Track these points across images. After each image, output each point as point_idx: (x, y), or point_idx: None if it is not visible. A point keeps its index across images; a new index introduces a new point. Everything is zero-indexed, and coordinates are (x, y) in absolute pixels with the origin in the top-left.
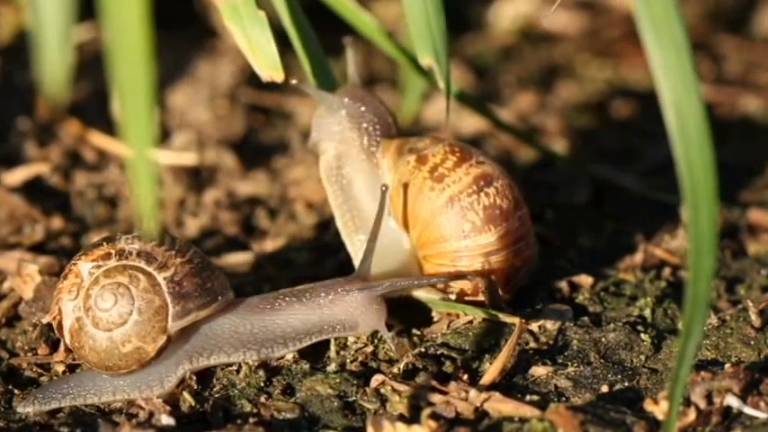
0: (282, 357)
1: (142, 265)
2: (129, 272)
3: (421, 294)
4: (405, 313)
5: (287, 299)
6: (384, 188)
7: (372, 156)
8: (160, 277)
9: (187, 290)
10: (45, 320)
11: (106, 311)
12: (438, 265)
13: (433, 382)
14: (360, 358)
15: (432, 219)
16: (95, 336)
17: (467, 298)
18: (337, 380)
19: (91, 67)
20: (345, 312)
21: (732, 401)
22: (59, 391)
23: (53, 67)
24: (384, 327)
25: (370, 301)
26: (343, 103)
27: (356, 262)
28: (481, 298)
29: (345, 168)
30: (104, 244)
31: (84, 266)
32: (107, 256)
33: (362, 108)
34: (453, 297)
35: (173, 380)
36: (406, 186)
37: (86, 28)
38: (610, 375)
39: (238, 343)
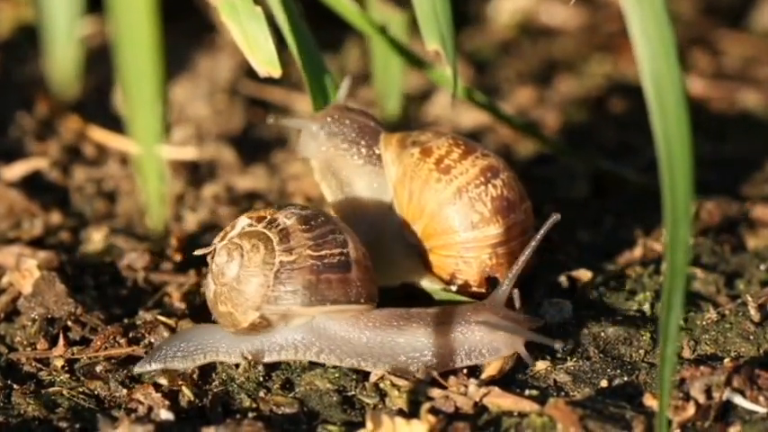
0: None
1: (273, 240)
2: (255, 240)
3: (424, 284)
4: (405, 304)
5: (413, 319)
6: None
7: (369, 157)
8: (277, 259)
9: (294, 281)
10: (197, 253)
11: (217, 266)
12: (445, 257)
13: (434, 375)
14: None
15: (439, 210)
16: (208, 285)
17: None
18: (336, 375)
19: (90, 61)
20: (467, 341)
21: (731, 396)
22: (177, 348)
23: (61, 60)
24: (524, 348)
25: (493, 335)
26: (321, 127)
27: None
28: (482, 290)
29: (342, 173)
30: (272, 208)
31: (242, 220)
32: (260, 219)
33: (341, 128)
34: (455, 288)
35: (269, 359)
36: (410, 178)
37: (86, 22)
38: (609, 370)
39: (352, 351)
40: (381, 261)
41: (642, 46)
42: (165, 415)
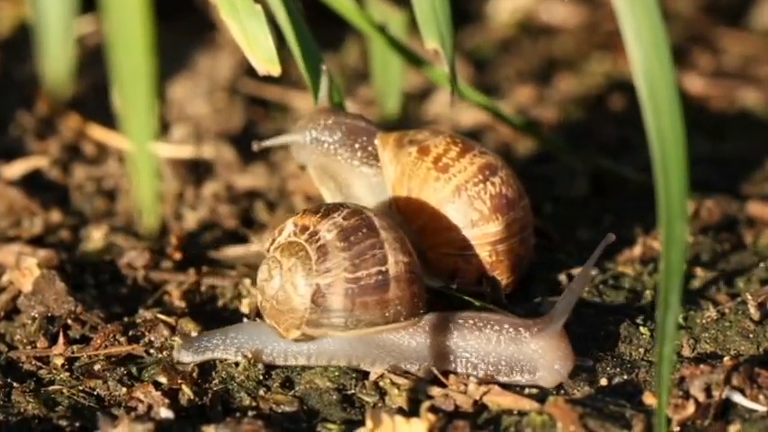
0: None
1: (312, 258)
2: (294, 258)
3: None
4: None
5: (468, 322)
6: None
7: (365, 158)
8: (314, 281)
9: (330, 306)
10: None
11: (259, 281)
12: (444, 255)
13: (435, 371)
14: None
15: (438, 208)
16: (256, 295)
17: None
18: (336, 373)
19: (90, 60)
20: (524, 353)
21: (731, 394)
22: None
23: (55, 60)
24: (567, 377)
25: (553, 344)
26: (306, 137)
27: None
28: (482, 289)
29: (340, 175)
30: (320, 212)
31: (289, 226)
32: (304, 229)
33: (327, 133)
34: (455, 286)
35: (317, 363)
36: (408, 177)
37: (85, 21)
38: (609, 368)
39: (401, 357)
40: None
41: (635, 45)
42: (165, 413)
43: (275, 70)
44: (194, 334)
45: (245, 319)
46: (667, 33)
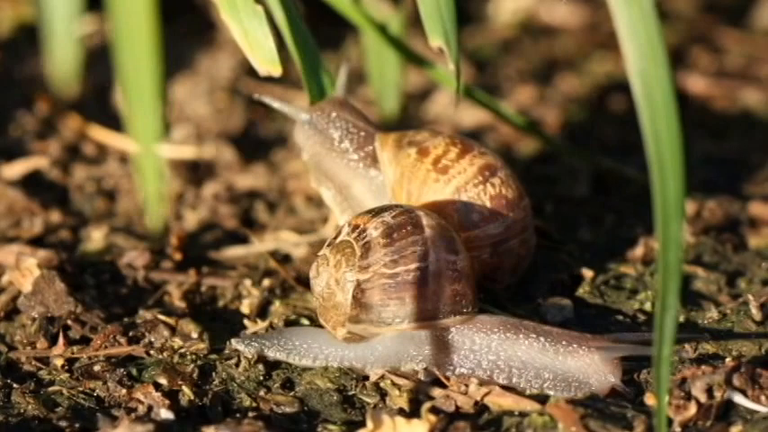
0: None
1: (356, 254)
2: (340, 255)
3: None
4: None
5: (524, 331)
6: None
7: (363, 159)
8: (355, 277)
9: (367, 301)
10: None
11: (310, 279)
12: None
13: (435, 372)
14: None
15: (438, 210)
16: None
17: None
18: (336, 374)
19: (90, 60)
20: (578, 368)
21: (732, 395)
22: (278, 341)
23: (61, 60)
24: (619, 381)
25: (606, 363)
26: (309, 119)
27: None
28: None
29: (339, 176)
30: (368, 215)
31: (345, 226)
32: (355, 227)
33: (327, 123)
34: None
35: (368, 370)
36: (408, 179)
37: (86, 21)
38: None
39: (453, 356)
40: None
41: (629, 45)
42: (165, 414)
43: (276, 71)
44: (195, 335)
45: (278, 323)
46: (662, 33)
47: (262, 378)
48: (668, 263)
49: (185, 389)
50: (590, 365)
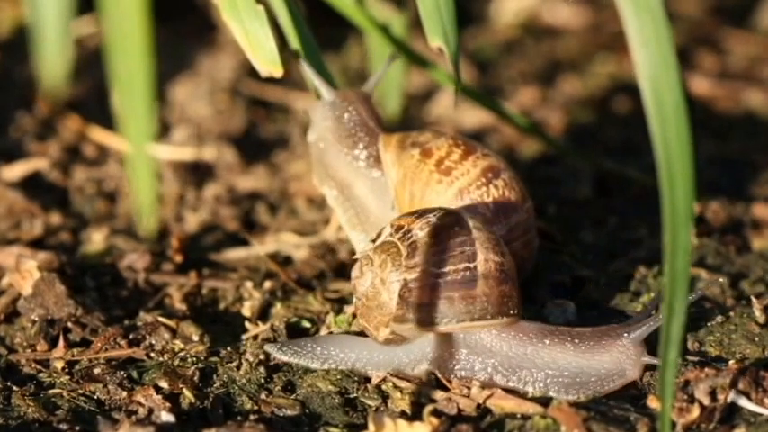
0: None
1: (402, 254)
2: (385, 255)
3: None
4: None
5: (560, 336)
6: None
7: (367, 159)
8: (402, 276)
9: (415, 300)
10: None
11: (352, 279)
12: None
13: (437, 374)
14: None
15: None
16: (353, 293)
17: None
18: (338, 376)
19: (91, 61)
20: (613, 361)
21: (736, 398)
22: (313, 349)
23: (52, 61)
24: (648, 356)
25: (636, 346)
26: (333, 99)
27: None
28: None
29: (340, 174)
30: (412, 216)
31: (387, 227)
32: (399, 228)
33: (342, 112)
34: None
35: (407, 372)
36: (411, 180)
37: (86, 22)
38: None
39: (492, 361)
40: None
41: (640, 52)
42: (166, 417)
43: (278, 72)
44: (195, 338)
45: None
46: (673, 39)
47: (263, 381)
48: (676, 269)
49: (186, 391)
50: (623, 353)
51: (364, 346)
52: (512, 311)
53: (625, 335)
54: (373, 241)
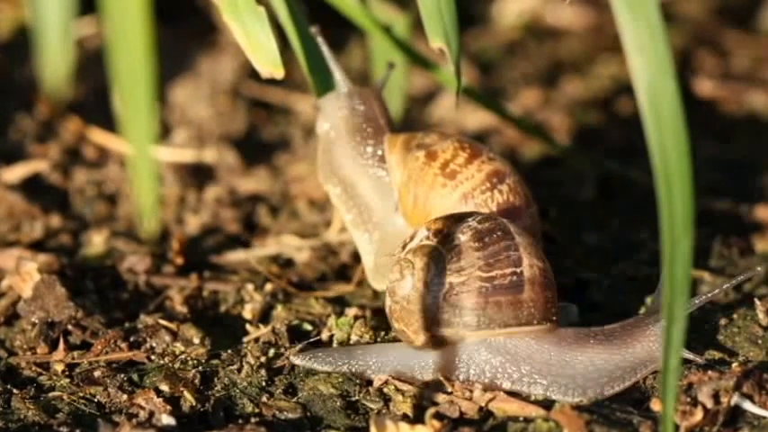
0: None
1: (445, 258)
2: (427, 258)
3: None
4: None
5: (597, 337)
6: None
7: (371, 157)
8: (447, 279)
9: (462, 304)
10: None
11: (391, 282)
12: None
13: (440, 377)
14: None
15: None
16: (385, 299)
17: None
18: (340, 379)
19: (91, 63)
20: (646, 349)
21: (739, 401)
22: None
23: (53, 62)
24: (684, 350)
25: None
26: (349, 90)
27: (363, 255)
28: None
29: (343, 170)
30: (452, 218)
31: (421, 231)
32: (437, 232)
33: (354, 103)
34: None
35: (439, 377)
36: (415, 183)
37: (87, 23)
38: None
39: (529, 368)
40: (386, 263)
41: (637, 59)
42: (167, 420)
43: (279, 73)
44: (196, 341)
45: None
46: (671, 46)
47: (264, 383)
48: (676, 278)
49: (187, 394)
50: (654, 342)
51: (402, 351)
52: (554, 317)
53: (657, 324)
54: (404, 246)
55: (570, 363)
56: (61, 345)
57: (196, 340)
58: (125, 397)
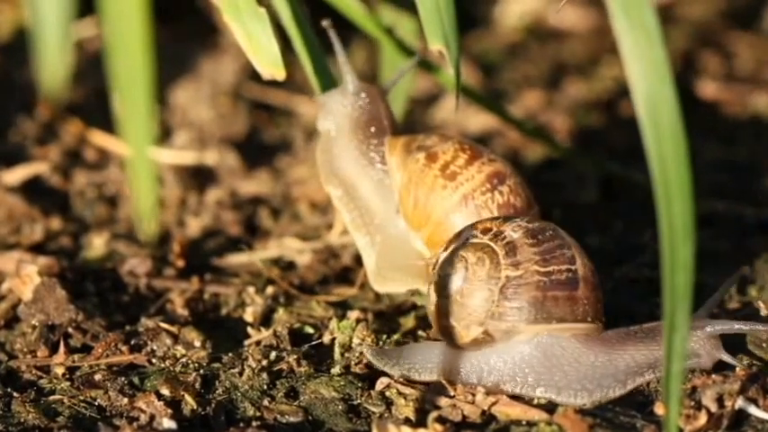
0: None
1: (499, 253)
2: (480, 253)
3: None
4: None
5: (637, 335)
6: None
7: (372, 158)
8: (503, 273)
9: (520, 297)
10: (420, 262)
11: (441, 278)
12: None
13: (442, 381)
14: (365, 360)
15: (445, 217)
16: (430, 296)
17: None
18: (342, 383)
19: (91, 64)
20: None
21: (744, 405)
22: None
23: (53, 64)
24: (725, 354)
25: (710, 336)
26: (356, 87)
27: (365, 257)
28: None
29: (344, 171)
30: (498, 220)
31: (466, 231)
32: (485, 231)
33: (359, 101)
34: None
35: (487, 381)
36: (415, 185)
37: (86, 24)
38: None
39: (573, 372)
40: (387, 266)
41: (634, 67)
42: (168, 424)
43: (280, 75)
44: (197, 344)
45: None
46: (668, 56)
47: (266, 387)
48: (676, 287)
49: (188, 398)
50: (695, 342)
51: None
52: (603, 317)
53: (701, 327)
54: (446, 247)
55: (615, 363)
56: (61, 348)
57: (197, 343)
58: (126, 400)
